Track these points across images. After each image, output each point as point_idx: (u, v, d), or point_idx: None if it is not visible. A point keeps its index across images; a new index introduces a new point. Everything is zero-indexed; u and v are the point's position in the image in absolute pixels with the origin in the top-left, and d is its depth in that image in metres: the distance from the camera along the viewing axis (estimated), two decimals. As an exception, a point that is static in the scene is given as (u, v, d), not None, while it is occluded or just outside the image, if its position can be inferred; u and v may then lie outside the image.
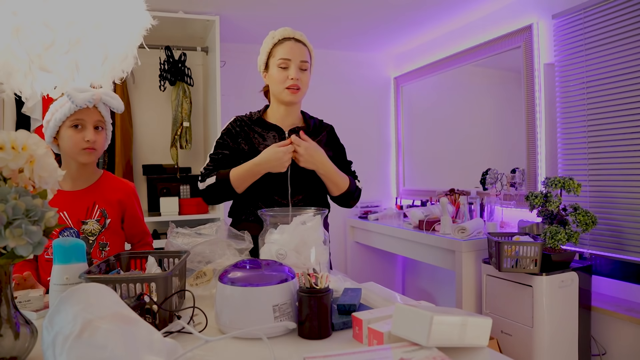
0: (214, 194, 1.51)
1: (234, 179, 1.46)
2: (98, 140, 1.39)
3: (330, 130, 1.67)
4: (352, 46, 3.76)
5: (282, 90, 1.51)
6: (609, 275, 2.31)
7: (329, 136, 1.65)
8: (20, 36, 1.08)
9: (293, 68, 1.50)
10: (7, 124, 2.68)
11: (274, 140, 1.54)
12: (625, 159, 2.17)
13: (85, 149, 1.37)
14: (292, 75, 1.49)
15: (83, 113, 1.36)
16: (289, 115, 1.59)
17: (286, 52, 1.50)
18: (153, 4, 1.75)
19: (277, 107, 1.58)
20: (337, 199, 1.59)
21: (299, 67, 1.51)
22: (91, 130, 1.37)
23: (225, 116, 2.22)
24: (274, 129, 1.57)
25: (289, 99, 1.52)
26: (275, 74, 1.52)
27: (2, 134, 0.77)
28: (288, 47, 1.51)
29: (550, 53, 2.53)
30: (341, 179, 1.54)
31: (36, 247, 0.73)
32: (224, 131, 1.60)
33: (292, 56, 1.50)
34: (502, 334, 2.19)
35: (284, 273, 0.94)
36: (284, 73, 1.50)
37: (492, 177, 2.68)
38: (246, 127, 1.58)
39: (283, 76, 1.50)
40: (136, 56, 1.37)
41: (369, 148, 3.96)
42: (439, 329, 0.73)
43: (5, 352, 0.76)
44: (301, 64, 1.51)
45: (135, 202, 1.56)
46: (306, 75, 1.54)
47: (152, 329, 0.71)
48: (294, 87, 1.50)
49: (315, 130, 1.62)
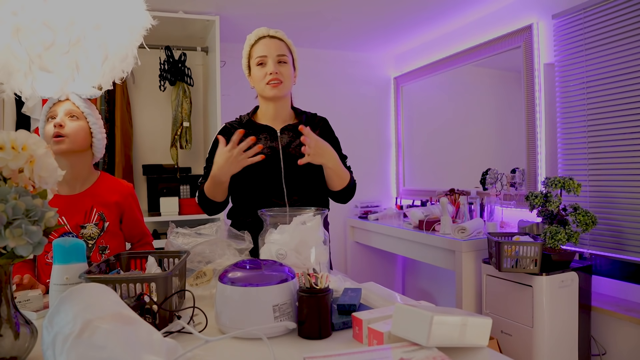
0: (204, 207, 1.52)
1: (208, 192, 1.46)
2: (69, 126, 1.38)
3: (324, 124, 1.64)
4: (352, 46, 3.76)
5: (264, 87, 1.50)
6: (609, 275, 2.31)
7: (322, 129, 1.62)
8: (20, 36, 1.08)
9: (270, 63, 1.49)
10: (7, 124, 2.68)
11: (266, 142, 1.52)
12: (625, 159, 2.17)
13: (54, 136, 1.36)
14: (269, 70, 1.48)
15: (56, 106, 1.40)
16: (279, 113, 1.57)
17: (261, 50, 1.51)
18: (153, 4, 1.75)
19: (266, 106, 1.57)
20: (338, 194, 1.55)
21: (277, 60, 1.50)
22: (60, 117, 1.38)
23: (226, 116, 2.22)
24: (265, 129, 1.55)
25: (272, 94, 1.50)
26: (256, 72, 1.52)
27: (2, 134, 0.77)
28: (263, 45, 1.51)
29: (550, 53, 2.53)
30: (345, 172, 1.52)
31: (36, 247, 0.73)
32: (214, 141, 1.55)
33: (268, 52, 1.50)
34: (502, 334, 2.19)
35: (284, 273, 0.94)
36: (262, 70, 1.50)
37: (492, 177, 2.68)
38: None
39: (262, 73, 1.50)
40: (136, 56, 1.37)
41: (369, 148, 3.96)
42: (439, 329, 0.73)
43: (5, 352, 0.76)
44: (278, 57, 1.50)
45: (133, 203, 1.55)
46: (287, 69, 1.52)
47: (152, 329, 0.71)
48: (274, 80, 1.48)
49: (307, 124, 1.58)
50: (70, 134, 1.38)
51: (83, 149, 1.43)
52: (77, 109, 1.41)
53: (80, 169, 1.43)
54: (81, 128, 1.41)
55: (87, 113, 1.43)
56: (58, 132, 1.36)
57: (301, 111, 1.63)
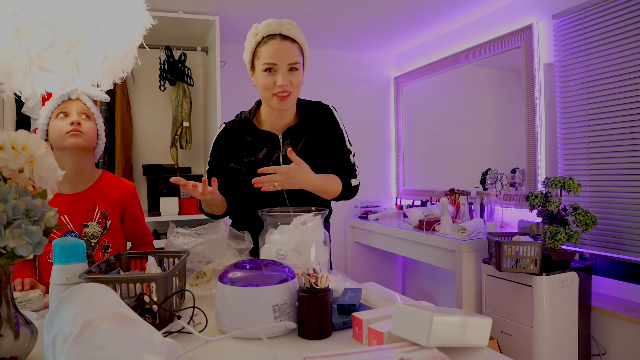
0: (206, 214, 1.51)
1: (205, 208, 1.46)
2: (85, 125, 1.39)
3: (329, 115, 1.50)
4: (352, 46, 3.76)
5: (270, 97, 1.36)
6: (609, 275, 2.31)
7: (326, 121, 1.49)
8: (20, 36, 1.08)
9: (280, 74, 1.33)
10: (7, 124, 2.68)
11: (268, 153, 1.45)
12: (625, 159, 2.17)
13: (70, 131, 1.36)
14: (279, 82, 1.32)
15: (67, 104, 1.39)
16: (282, 117, 1.45)
17: (271, 55, 1.32)
18: (153, 4, 1.75)
19: (269, 111, 1.45)
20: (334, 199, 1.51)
21: (288, 69, 1.33)
22: (76, 116, 1.38)
23: (226, 116, 2.22)
24: (268, 138, 1.45)
25: (279, 107, 1.37)
26: (262, 78, 1.35)
27: (2, 134, 0.77)
28: (273, 49, 1.32)
29: (550, 53, 2.53)
30: (331, 185, 1.42)
31: (36, 247, 0.73)
32: (213, 147, 1.49)
33: (279, 60, 1.32)
34: (502, 334, 2.19)
35: (284, 273, 0.94)
36: (270, 78, 1.33)
37: (492, 177, 2.68)
38: (234, 141, 1.47)
39: (270, 81, 1.34)
40: (136, 56, 1.37)
41: (369, 148, 3.95)
42: (439, 329, 0.73)
43: (5, 352, 0.76)
44: (289, 66, 1.33)
45: (135, 202, 1.55)
46: (297, 76, 1.36)
47: (152, 329, 0.71)
48: (282, 93, 1.33)
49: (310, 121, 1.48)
50: (86, 132, 1.39)
51: (92, 149, 1.46)
52: (89, 109, 1.43)
53: (84, 167, 1.44)
54: (93, 129, 1.43)
55: (96, 115, 1.45)
56: (77, 129, 1.37)
57: (304, 101, 1.51)
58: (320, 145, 1.48)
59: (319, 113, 1.50)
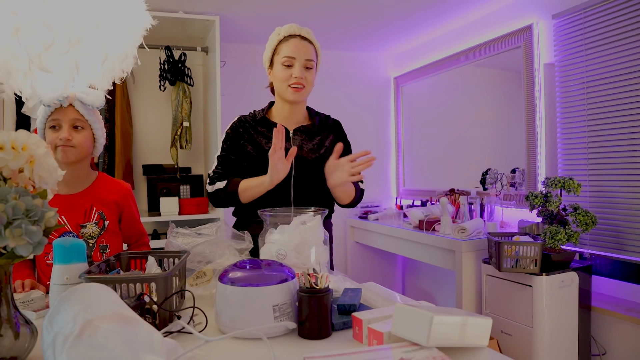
0: (221, 200, 1.50)
1: (243, 193, 1.45)
2: (77, 138, 1.35)
3: (338, 127, 1.66)
4: (352, 46, 3.76)
5: (285, 89, 1.49)
6: (609, 275, 2.31)
7: (336, 133, 1.63)
8: (20, 36, 1.08)
9: (297, 67, 1.48)
10: (7, 124, 2.68)
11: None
12: (625, 159, 2.17)
13: (61, 146, 1.32)
14: (296, 74, 1.47)
15: (59, 113, 1.33)
16: (293, 113, 1.57)
17: (291, 50, 1.48)
18: (153, 4, 1.75)
19: (282, 105, 1.56)
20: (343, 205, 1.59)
21: (304, 65, 1.49)
22: (66, 129, 1.33)
23: (225, 116, 2.22)
24: None
25: (292, 98, 1.50)
26: (279, 72, 1.50)
27: (2, 134, 0.77)
28: (293, 45, 1.49)
29: (550, 53, 2.53)
30: (353, 187, 1.53)
31: (36, 247, 0.73)
32: (228, 131, 1.57)
33: (297, 54, 1.48)
34: (502, 334, 2.19)
35: (284, 273, 0.94)
36: (287, 71, 1.48)
37: (492, 177, 2.68)
38: (250, 129, 1.56)
39: (287, 74, 1.48)
40: (136, 56, 1.37)
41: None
42: (439, 329, 0.73)
43: (5, 352, 0.76)
44: (306, 62, 1.49)
45: (132, 203, 1.55)
46: (311, 74, 1.52)
47: (152, 329, 0.71)
48: (297, 84, 1.48)
49: (321, 127, 1.60)
50: (77, 145, 1.35)
51: (88, 156, 1.42)
52: (82, 117, 1.36)
53: (80, 170, 1.43)
54: (87, 138, 1.38)
55: (91, 121, 1.38)
56: (67, 144, 1.33)
57: (315, 112, 1.64)
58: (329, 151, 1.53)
59: (329, 123, 1.64)
